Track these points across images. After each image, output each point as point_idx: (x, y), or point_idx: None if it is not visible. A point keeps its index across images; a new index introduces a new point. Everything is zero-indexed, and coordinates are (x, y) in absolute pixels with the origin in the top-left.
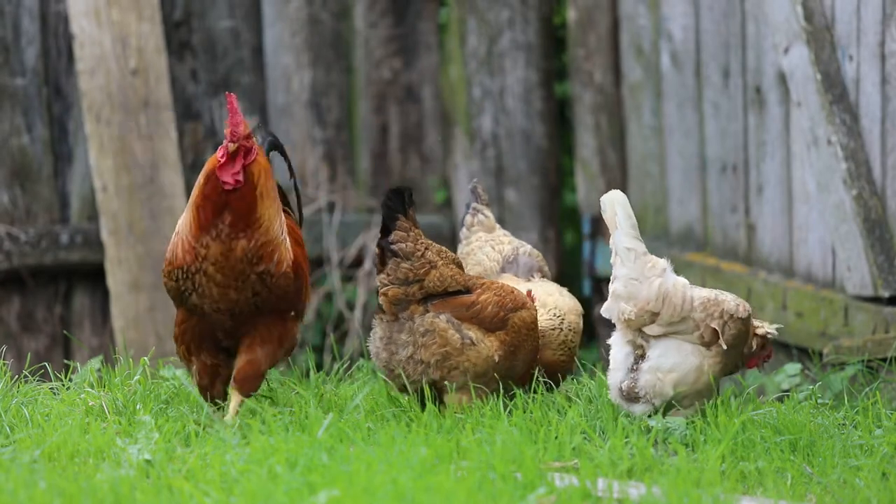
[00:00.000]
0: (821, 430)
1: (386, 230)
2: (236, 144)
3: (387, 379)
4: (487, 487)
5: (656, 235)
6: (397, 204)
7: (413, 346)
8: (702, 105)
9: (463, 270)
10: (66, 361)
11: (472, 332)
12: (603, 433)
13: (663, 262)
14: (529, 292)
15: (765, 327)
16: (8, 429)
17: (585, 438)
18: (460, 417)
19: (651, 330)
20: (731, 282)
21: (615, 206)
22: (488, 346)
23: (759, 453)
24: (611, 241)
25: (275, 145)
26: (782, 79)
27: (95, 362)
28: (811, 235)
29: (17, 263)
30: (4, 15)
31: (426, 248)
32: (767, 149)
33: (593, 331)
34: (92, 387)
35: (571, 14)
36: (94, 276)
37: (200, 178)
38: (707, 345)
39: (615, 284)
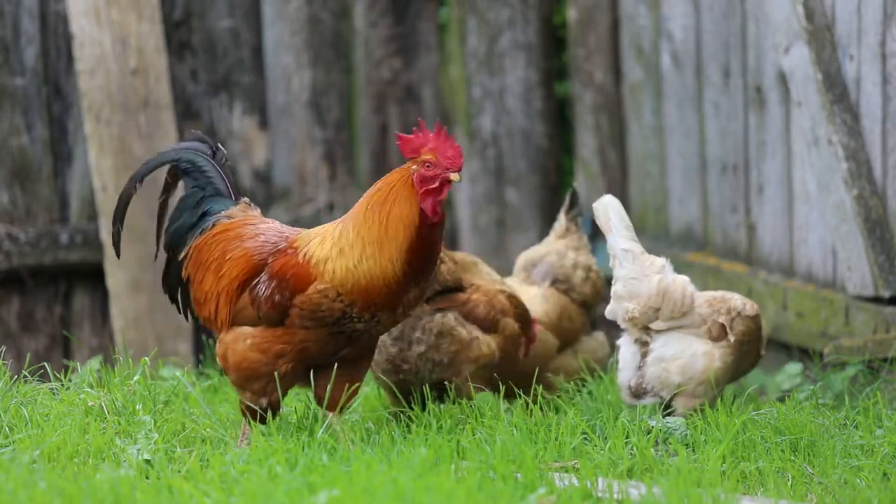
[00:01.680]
0: (821, 431)
1: None
2: (459, 175)
3: (384, 376)
4: (487, 487)
5: (656, 235)
6: None
7: (426, 344)
8: (702, 105)
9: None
10: (65, 361)
11: (474, 331)
12: (603, 433)
13: (661, 260)
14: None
15: None
16: (7, 429)
17: (585, 439)
18: (462, 417)
19: (656, 325)
20: (732, 282)
21: (608, 211)
22: (488, 342)
23: (760, 453)
24: (608, 245)
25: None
26: (783, 79)
27: (95, 362)
28: (811, 235)
29: (17, 263)
30: (4, 15)
31: None
32: (768, 149)
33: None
34: (91, 387)
35: (572, 14)
36: (93, 276)
37: (399, 211)
38: (715, 339)
39: (616, 286)
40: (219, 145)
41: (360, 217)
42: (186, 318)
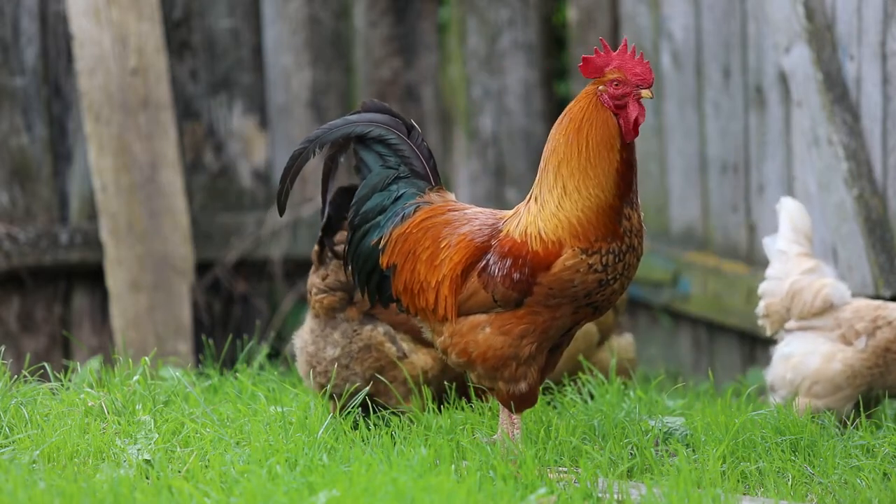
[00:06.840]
0: (822, 431)
1: (330, 230)
2: (651, 90)
3: (303, 374)
4: (487, 487)
5: (657, 235)
6: (346, 203)
7: (342, 349)
8: (702, 105)
9: None
10: (65, 361)
11: (406, 344)
12: (602, 433)
13: (811, 262)
14: None
15: None
16: (7, 429)
17: (585, 439)
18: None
19: (788, 325)
20: (732, 282)
21: (781, 212)
22: (421, 359)
23: (760, 453)
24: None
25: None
26: (783, 78)
27: (95, 362)
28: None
29: (17, 263)
30: (4, 15)
31: None
32: (768, 148)
33: None
34: (91, 387)
35: (572, 14)
36: (93, 276)
37: (596, 135)
38: (848, 343)
39: (763, 283)
40: (413, 123)
41: (559, 156)
42: (372, 304)
